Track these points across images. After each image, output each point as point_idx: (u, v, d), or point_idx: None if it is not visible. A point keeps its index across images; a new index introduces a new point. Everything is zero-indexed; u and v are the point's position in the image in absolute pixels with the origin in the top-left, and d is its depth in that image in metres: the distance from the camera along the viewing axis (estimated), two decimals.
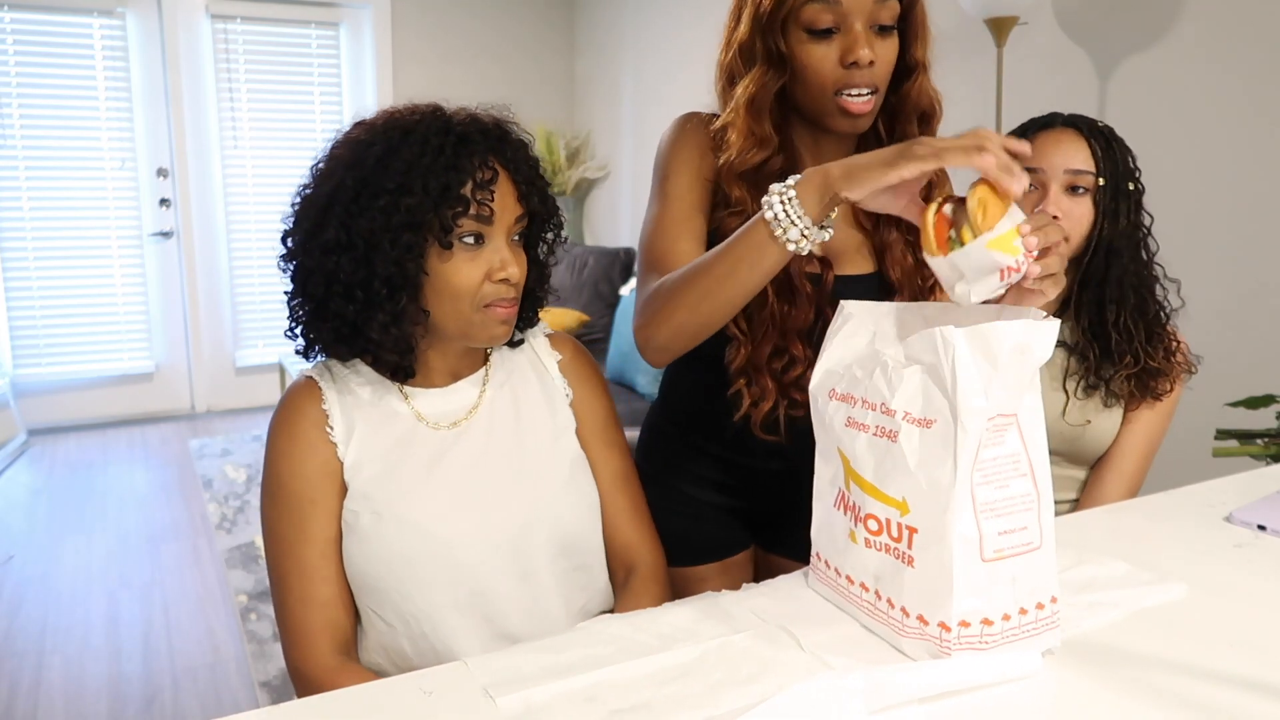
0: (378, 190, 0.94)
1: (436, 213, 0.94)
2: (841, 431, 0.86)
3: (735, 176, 1.10)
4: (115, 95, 4.37)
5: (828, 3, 1.02)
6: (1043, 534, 0.78)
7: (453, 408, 1.06)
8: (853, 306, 0.90)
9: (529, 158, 1.04)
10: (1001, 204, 0.80)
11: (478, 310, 0.99)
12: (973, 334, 0.75)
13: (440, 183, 0.94)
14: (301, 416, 1.01)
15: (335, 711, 0.74)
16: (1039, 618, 0.78)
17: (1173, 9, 2.23)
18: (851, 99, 1.04)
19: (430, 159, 0.95)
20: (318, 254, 0.97)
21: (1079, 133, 1.31)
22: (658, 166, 1.18)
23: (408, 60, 4.79)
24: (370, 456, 1.01)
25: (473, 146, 0.97)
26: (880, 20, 1.03)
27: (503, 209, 0.99)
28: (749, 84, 1.08)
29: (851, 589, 0.86)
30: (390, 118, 1.00)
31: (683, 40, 4.13)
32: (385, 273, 0.95)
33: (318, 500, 0.99)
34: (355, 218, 0.95)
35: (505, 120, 1.04)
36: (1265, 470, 1.30)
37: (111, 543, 3.13)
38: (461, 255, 0.97)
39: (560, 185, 5.01)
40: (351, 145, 0.99)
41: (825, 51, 1.03)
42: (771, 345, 1.11)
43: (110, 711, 2.16)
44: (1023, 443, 0.77)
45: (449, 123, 0.98)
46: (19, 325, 4.34)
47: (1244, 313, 2.14)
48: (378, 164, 0.95)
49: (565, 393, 1.13)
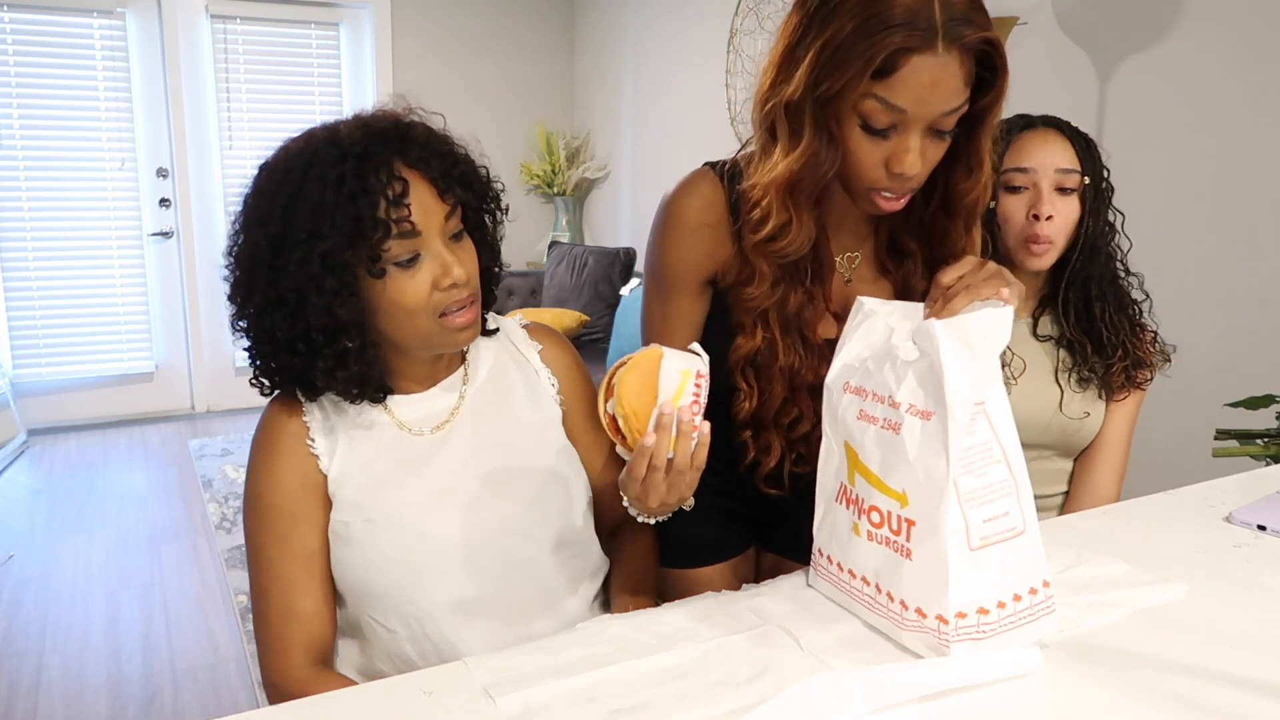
0: (291, 243, 0.90)
1: (355, 248, 0.90)
2: (853, 424, 0.87)
3: (761, 255, 1.01)
4: (115, 95, 4.37)
5: (893, 108, 0.89)
6: (1025, 519, 0.79)
7: (433, 412, 1.05)
8: (871, 304, 0.91)
9: (440, 146, 0.97)
10: (646, 395, 0.85)
11: (434, 321, 0.96)
12: (950, 325, 0.78)
13: (349, 216, 0.89)
14: (283, 431, 1.00)
15: (336, 711, 0.74)
16: (1033, 603, 0.78)
17: (1173, 9, 2.23)
18: (884, 202, 0.96)
19: (332, 194, 0.90)
20: (254, 315, 0.95)
21: (1061, 133, 1.33)
22: (663, 252, 1.08)
23: (408, 60, 4.79)
24: (355, 467, 1.00)
25: (374, 162, 0.91)
26: (942, 127, 0.92)
27: (426, 215, 0.94)
28: (794, 162, 0.95)
29: (854, 583, 0.86)
30: (287, 154, 0.95)
31: (683, 40, 4.13)
32: (320, 323, 0.92)
33: (300, 514, 0.99)
34: (278, 275, 0.91)
35: (402, 115, 0.99)
36: (1265, 470, 1.30)
37: (111, 543, 3.13)
38: (400, 276, 0.93)
39: (560, 185, 5.00)
40: (258, 199, 0.94)
41: (873, 148, 0.92)
42: (780, 399, 1.06)
43: (110, 711, 2.16)
44: (992, 430, 0.78)
45: (341, 144, 0.92)
46: (19, 325, 4.34)
47: (1244, 313, 2.13)
48: (284, 215, 0.91)
49: (551, 382, 1.12)
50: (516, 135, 5.03)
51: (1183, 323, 2.22)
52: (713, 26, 3.80)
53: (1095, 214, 1.33)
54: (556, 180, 5.00)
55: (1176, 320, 2.16)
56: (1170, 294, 2.22)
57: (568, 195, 5.05)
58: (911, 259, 1.08)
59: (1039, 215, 1.29)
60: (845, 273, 1.10)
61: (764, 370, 1.05)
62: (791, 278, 1.03)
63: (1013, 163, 1.31)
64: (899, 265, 1.09)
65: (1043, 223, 1.29)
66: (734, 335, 1.06)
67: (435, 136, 0.98)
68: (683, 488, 0.88)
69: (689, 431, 0.83)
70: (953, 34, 0.86)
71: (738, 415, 1.08)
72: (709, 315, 1.11)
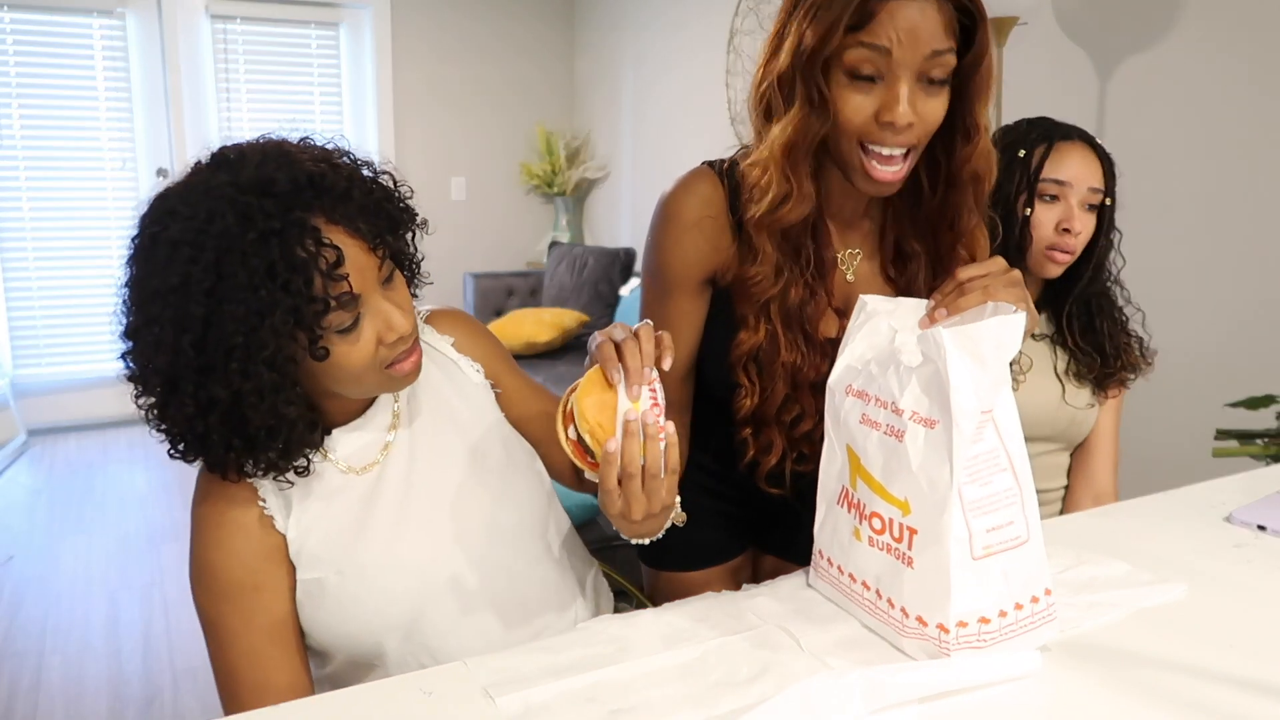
0: (222, 349, 0.79)
1: (297, 339, 0.81)
2: (855, 428, 0.86)
3: (763, 229, 1.01)
4: (115, 95, 4.37)
5: (874, 49, 0.89)
6: (1029, 527, 0.78)
7: (370, 441, 0.98)
8: (874, 303, 0.91)
9: (360, 193, 0.86)
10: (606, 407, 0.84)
11: (381, 374, 0.89)
12: (959, 334, 0.76)
13: (289, 307, 0.79)
14: (229, 500, 0.91)
15: (336, 712, 0.74)
16: (1034, 612, 0.78)
17: (1173, 9, 2.23)
18: (879, 165, 0.94)
19: (266, 289, 0.78)
20: (179, 418, 0.84)
21: (1093, 150, 1.36)
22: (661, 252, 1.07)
23: (408, 60, 4.79)
24: (312, 519, 0.93)
25: (295, 232, 0.79)
26: (931, 75, 0.91)
27: (362, 276, 0.84)
28: (787, 126, 0.95)
29: (854, 587, 0.86)
30: (183, 225, 0.79)
31: (682, 40, 4.13)
32: (264, 423, 0.83)
33: (262, 585, 0.91)
34: (206, 381, 0.80)
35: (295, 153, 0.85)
36: (1265, 470, 1.30)
37: (111, 543, 3.13)
38: (342, 343, 0.85)
39: (560, 185, 5.00)
40: (161, 280, 0.79)
41: (862, 101, 0.92)
42: (781, 396, 1.05)
43: (110, 711, 2.16)
44: (1000, 438, 0.78)
45: (251, 215, 0.79)
46: (19, 325, 4.34)
47: (1244, 313, 2.13)
48: (207, 317, 0.79)
49: (475, 369, 1.07)
50: (516, 135, 5.03)
51: (1183, 323, 2.23)
52: (713, 27, 3.80)
53: (1105, 233, 1.37)
54: (556, 180, 5.00)
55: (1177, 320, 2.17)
56: (1170, 294, 2.22)
57: (568, 195, 5.05)
58: (916, 261, 1.08)
59: (1070, 230, 1.32)
60: (847, 269, 1.09)
61: (766, 366, 1.04)
62: (794, 264, 1.03)
63: (1051, 173, 1.33)
64: (903, 270, 1.09)
65: (1070, 236, 1.33)
66: (736, 331, 1.05)
67: (353, 181, 0.87)
68: (662, 493, 0.85)
69: (656, 434, 0.82)
70: None
71: (739, 412, 1.07)
72: (710, 314, 1.10)
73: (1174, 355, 1.45)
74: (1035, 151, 1.34)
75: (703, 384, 1.15)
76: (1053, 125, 1.38)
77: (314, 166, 0.84)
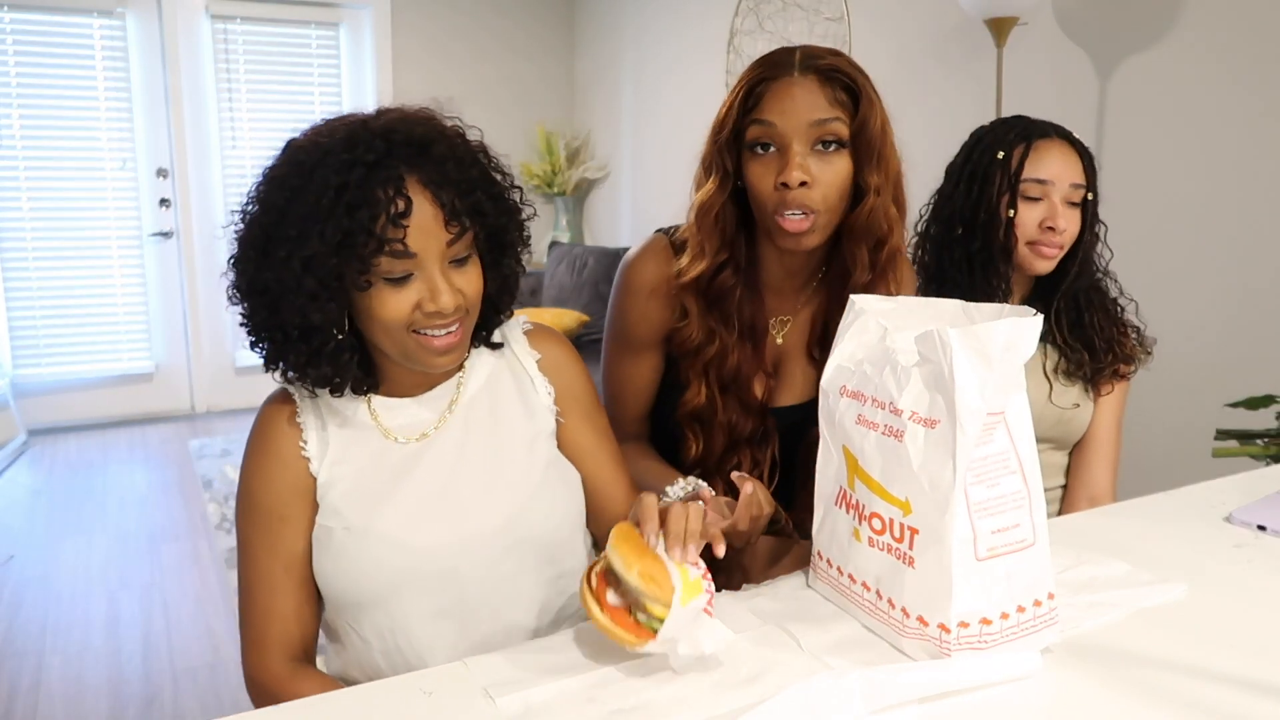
0: (280, 238, 0.89)
1: (341, 257, 0.88)
2: (852, 429, 0.86)
3: (684, 288, 1.16)
4: (115, 95, 4.37)
5: (764, 124, 1.07)
6: (1035, 530, 0.78)
7: (421, 419, 1.02)
8: (863, 301, 0.90)
9: (457, 170, 0.93)
10: (647, 556, 0.77)
11: (409, 337, 0.94)
12: (967, 334, 0.76)
13: (340, 227, 0.87)
14: (276, 432, 1.00)
15: (336, 712, 0.74)
16: (1037, 614, 0.78)
17: (1173, 9, 2.23)
18: (788, 221, 1.07)
19: (330, 201, 0.87)
20: (238, 296, 0.95)
21: (1073, 146, 1.36)
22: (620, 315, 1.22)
23: (407, 61, 4.79)
24: (343, 472, 0.99)
25: (383, 174, 0.88)
26: (823, 139, 1.06)
27: (425, 239, 0.90)
28: (702, 194, 1.14)
29: (854, 588, 0.86)
30: (312, 139, 0.92)
31: (683, 40, 4.13)
32: (293, 320, 0.91)
33: (288, 516, 0.99)
34: (261, 268, 0.90)
35: (433, 122, 0.95)
36: (1265, 470, 1.30)
37: (111, 543, 3.13)
38: (385, 290, 0.91)
39: (560, 185, 5.00)
40: (271, 175, 0.93)
41: (764, 170, 1.08)
42: (721, 448, 1.19)
43: (110, 711, 2.16)
44: (1011, 440, 0.77)
45: (357, 147, 0.89)
46: (19, 325, 4.34)
47: (1244, 313, 2.14)
48: (283, 207, 0.89)
49: (547, 392, 1.08)
50: (516, 136, 5.03)
51: (1182, 322, 2.22)
52: (713, 27, 3.80)
53: (1090, 227, 1.37)
54: (556, 180, 5.00)
55: (1176, 320, 2.17)
56: (1170, 293, 2.22)
57: (568, 195, 5.05)
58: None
59: (1055, 227, 1.32)
60: (777, 334, 1.23)
61: (707, 423, 1.19)
62: (724, 329, 1.16)
63: (1032, 173, 1.33)
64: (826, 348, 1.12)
65: (1055, 234, 1.33)
66: (682, 391, 1.20)
67: (459, 157, 0.94)
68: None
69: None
70: (806, 63, 1.08)
71: (685, 459, 1.21)
72: (664, 371, 1.25)
73: (1174, 355, 1.44)
74: (1015, 152, 1.33)
75: (657, 427, 1.30)
76: (1029, 124, 1.37)
77: (432, 134, 0.93)
